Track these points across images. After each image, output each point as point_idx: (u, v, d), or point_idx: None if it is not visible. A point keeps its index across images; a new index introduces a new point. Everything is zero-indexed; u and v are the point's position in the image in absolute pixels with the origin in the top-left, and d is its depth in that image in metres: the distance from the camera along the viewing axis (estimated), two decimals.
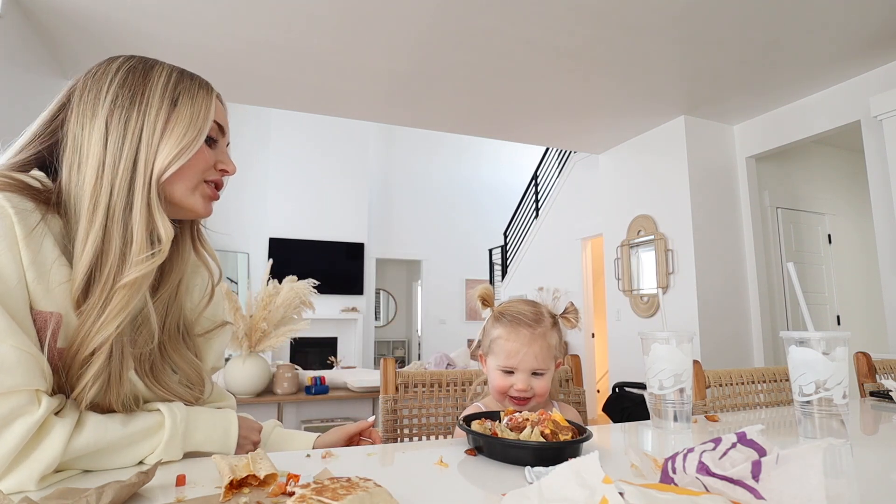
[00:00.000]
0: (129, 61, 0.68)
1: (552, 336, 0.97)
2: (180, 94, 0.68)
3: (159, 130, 0.65)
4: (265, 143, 7.57)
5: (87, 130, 0.64)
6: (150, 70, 0.68)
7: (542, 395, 0.95)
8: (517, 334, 0.95)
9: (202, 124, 0.69)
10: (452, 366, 3.68)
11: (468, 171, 9.37)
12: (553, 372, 0.97)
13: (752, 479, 0.46)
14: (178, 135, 0.66)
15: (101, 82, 0.66)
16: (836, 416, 0.83)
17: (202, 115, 0.69)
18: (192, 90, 0.69)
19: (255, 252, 7.35)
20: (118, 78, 0.66)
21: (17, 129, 0.68)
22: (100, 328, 0.60)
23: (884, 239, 3.21)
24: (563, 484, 0.48)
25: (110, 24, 2.74)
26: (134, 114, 0.65)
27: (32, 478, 0.54)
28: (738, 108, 3.81)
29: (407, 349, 10.80)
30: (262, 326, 2.71)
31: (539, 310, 0.99)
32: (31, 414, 0.55)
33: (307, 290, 2.83)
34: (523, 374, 0.94)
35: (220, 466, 0.57)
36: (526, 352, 0.94)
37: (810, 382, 0.84)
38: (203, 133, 0.69)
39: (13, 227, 0.56)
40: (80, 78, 0.67)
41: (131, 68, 0.67)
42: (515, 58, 3.10)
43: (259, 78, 3.38)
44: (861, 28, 2.79)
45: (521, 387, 0.94)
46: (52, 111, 0.67)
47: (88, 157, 0.63)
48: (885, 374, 1.50)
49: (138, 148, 0.64)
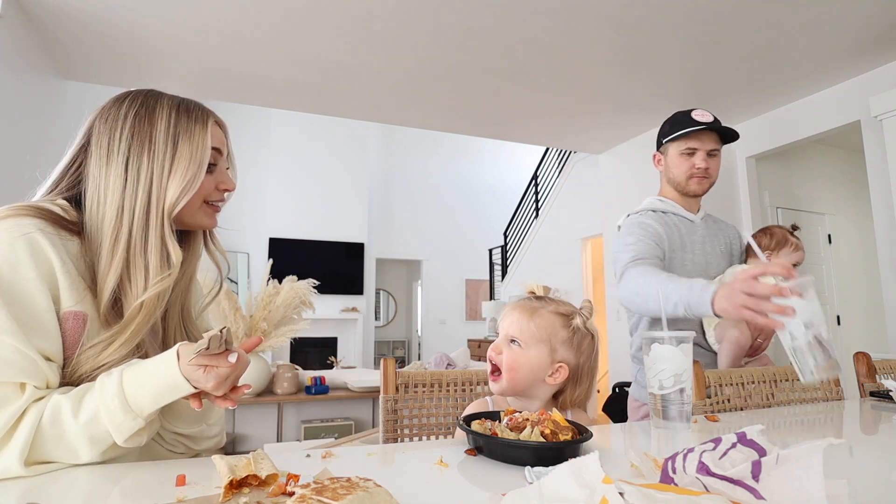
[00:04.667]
0: (133, 104, 0.77)
1: (546, 318, 0.94)
2: (179, 133, 0.77)
3: (167, 172, 0.76)
4: (265, 143, 7.56)
5: (105, 174, 0.74)
6: (153, 113, 0.77)
7: (510, 368, 0.92)
8: (511, 306, 0.98)
9: (201, 158, 0.78)
10: (452, 366, 3.67)
11: (468, 171, 9.37)
12: (541, 361, 0.93)
13: (752, 479, 0.46)
14: (182, 173, 0.76)
15: (112, 129, 0.76)
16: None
17: (200, 150, 0.78)
18: (189, 127, 0.78)
19: (255, 252, 7.35)
20: (127, 125, 0.76)
21: (17, 129, 0.72)
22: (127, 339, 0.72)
23: (884, 239, 3.21)
24: (563, 484, 0.48)
25: (110, 25, 2.74)
26: (145, 160, 0.75)
27: (13, 459, 0.61)
28: (739, 108, 3.81)
29: (407, 349, 10.80)
30: (262, 326, 2.71)
31: (545, 299, 0.99)
32: (14, 402, 0.63)
33: (307, 290, 2.84)
34: (501, 338, 0.96)
35: (220, 466, 0.57)
36: (508, 314, 0.97)
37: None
38: (203, 166, 0.78)
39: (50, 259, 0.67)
40: (95, 119, 0.77)
41: (136, 114, 0.77)
42: (515, 58, 3.10)
43: (259, 78, 3.38)
44: (861, 28, 2.78)
45: (491, 347, 0.96)
46: (74, 152, 0.77)
47: (107, 197, 0.74)
48: (885, 374, 1.49)
49: (150, 190, 0.75)
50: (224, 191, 0.85)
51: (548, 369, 0.92)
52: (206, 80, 3.39)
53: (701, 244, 1.39)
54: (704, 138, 1.39)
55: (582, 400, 0.97)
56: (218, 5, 2.59)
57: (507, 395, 0.97)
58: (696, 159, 1.40)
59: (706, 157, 1.40)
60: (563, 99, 3.67)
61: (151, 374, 0.67)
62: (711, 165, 1.40)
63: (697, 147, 1.39)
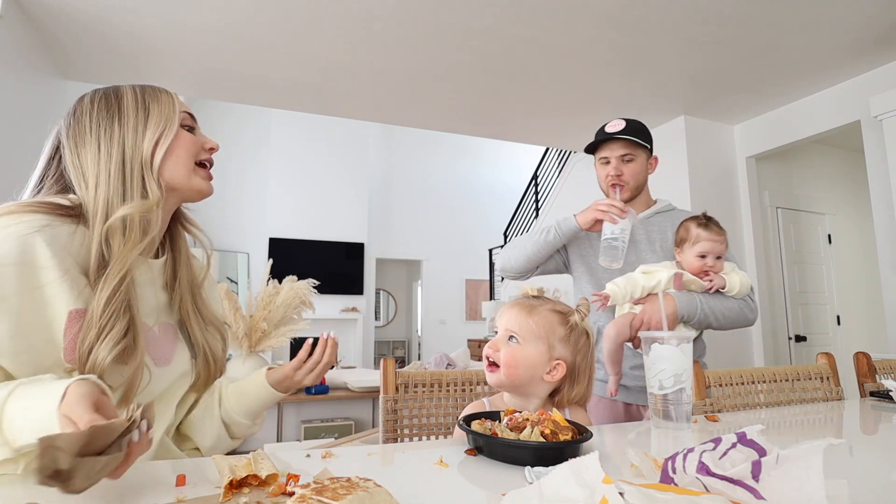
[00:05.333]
0: (98, 92, 0.80)
1: (544, 316, 0.94)
2: (149, 101, 0.80)
3: (140, 129, 0.78)
4: (265, 143, 7.56)
5: (83, 155, 0.76)
6: (118, 92, 0.80)
7: (508, 364, 0.92)
8: (509, 304, 0.99)
9: (172, 113, 0.81)
10: (452, 366, 3.67)
11: (468, 171, 9.36)
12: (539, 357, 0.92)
13: (752, 479, 0.46)
14: (155, 125, 0.78)
15: (81, 116, 0.78)
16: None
17: (170, 107, 0.81)
18: (156, 95, 0.82)
19: (255, 252, 7.34)
20: (95, 107, 0.78)
21: (17, 129, 0.72)
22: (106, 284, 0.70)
23: (884, 239, 3.21)
24: (563, 484, 0.48)
25: (110, 25, 2.74)
26: (116, 127, 0.77)
27: None
28: (739, 108, 3.81)
29: (407, 349, 10.80)
30: (262, 326, 2.71)
31: (542, 298, 0.99)
32: None
33: (307, 290, 2.83)
34: (500, 334, 0.96)
35: (220, 466, 0.57)
36: (505, 311, 0.97)
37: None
38: (176, 117, 0.81)
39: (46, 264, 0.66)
40: (62, 121, 0.80)
41: (103, 96, 0.79)
42: (515, 58, 3.10)
43: (259, 78, 3.38)
44: (861, 28, 2.79)
45: (488, 345, 0.96)
46: (48, 154, 0.79)
47: (87, 174, 0.75)
48: (885, 374, 1.50)
49: (124, 150, 0.76)
50: (210, 150, 0.86)
51: (546, 366, 0.92)
52: (206, 80, 3.40)
53: (634, 243, 1.48)
54: (614, 146, 1.50)
55: (580, 399, 0.97)
56: (218, 5, 2.59)
57: (504, 388, 0.97)
58: (609, 168, 1.50)
59: (619, 163, 1.49)
60: (563, 99, 3.67)
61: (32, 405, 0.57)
62: (626, 171, 1.49)
63: (608, 155, 1.51)
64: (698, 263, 1.35)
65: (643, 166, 1.52)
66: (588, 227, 1.40)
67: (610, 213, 1.32)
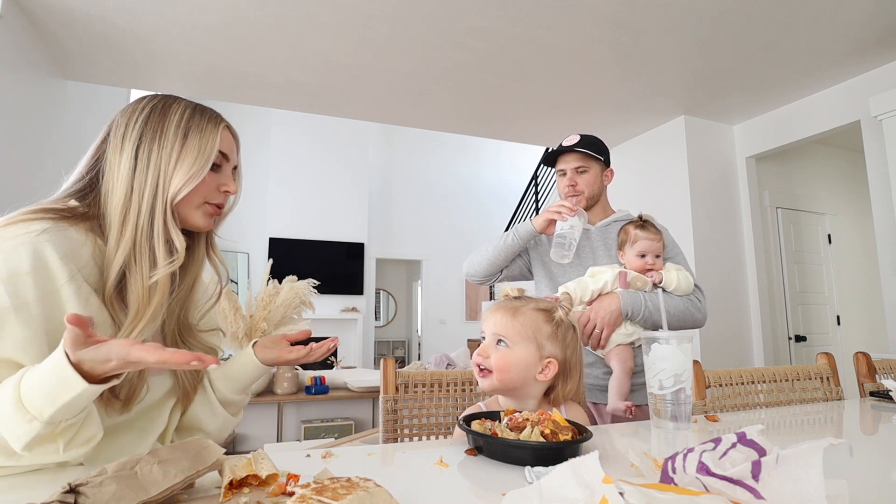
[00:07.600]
0: (152, 101, 0.82)
1: (529, 316, 0.94)
2: (190, 128, 0.81)
3: (174, 161, 0.79)
4: (265, 143, 7.56)
5: (118, 162, 0.79)
6: (168, 108, 0.82)
7: (500, 369, 0.91)
8: (492, 308, 0.99)
9: (209, 154, 0.81)
10: (452, 366, 3.67)
11: (468, 171, 9.36)
12: (530, 358, 0.92)
13: (752, 479, 0.46)
14: (188, 164, 0.79)
15: (129, 120, 0.80)
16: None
17: (208, 146, 0.82)
18: (200, 124, 0.82)
19: (255, 252, 7.34)
20: (142, 116, 0.80)
21: (17, 129, 0.72)
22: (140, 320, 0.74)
23: (884, 239, 3.21)
24: (563, 484, 0.48)
25: (110, 25, 2.74)
26: (155, 147, 0.79)
27: None
28: (738, 108, 3.81)
29: (407, 349, 10.79)
30: (262, 326, 2.71)
31: (523, 298, 0.99)
32: None
33: (307, 290, 2.84)
34: (488, 340, 0.95)
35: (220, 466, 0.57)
36: (489, 316, 0.96)
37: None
38: (209, 162, 0.81)
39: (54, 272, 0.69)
40: (117, 114, 0.82)
41: (153, 107, 0.81)
42: (515, 58, 3.10)
43: (259, 78, 3.38)
44: (861, 28, 2.79)
45: (477, 352, 0.95)
46: (97, 144, 0.82)
47: (118, 180, 0.78)
48: (885, 374, 1.50)
49: (157, 177, 0.78)
50: (225, 192, 0.86)
51: (537, 366, 0.92)
52: (206, 80, 3.40)
53: (591, 249, 1.56)
54: (569, 158, 1.59)
55: (575, 394, 0.97)
56: (218, 5, 2.59)
57: (499, 392, 0.96)
58: (566, 179, 1.60)
59: (574, 174, 1.58)
60: (563, 99, 3.67)
61: (42, 368, 0.61)
62: (580, 181, 1.58)
63: (564, 167, 1.60)
64: (639, 262, 1.43)
65: (597, 177, 1.60)
66: (543, 229, 1.47)
67: (561, 212, 1.41)
